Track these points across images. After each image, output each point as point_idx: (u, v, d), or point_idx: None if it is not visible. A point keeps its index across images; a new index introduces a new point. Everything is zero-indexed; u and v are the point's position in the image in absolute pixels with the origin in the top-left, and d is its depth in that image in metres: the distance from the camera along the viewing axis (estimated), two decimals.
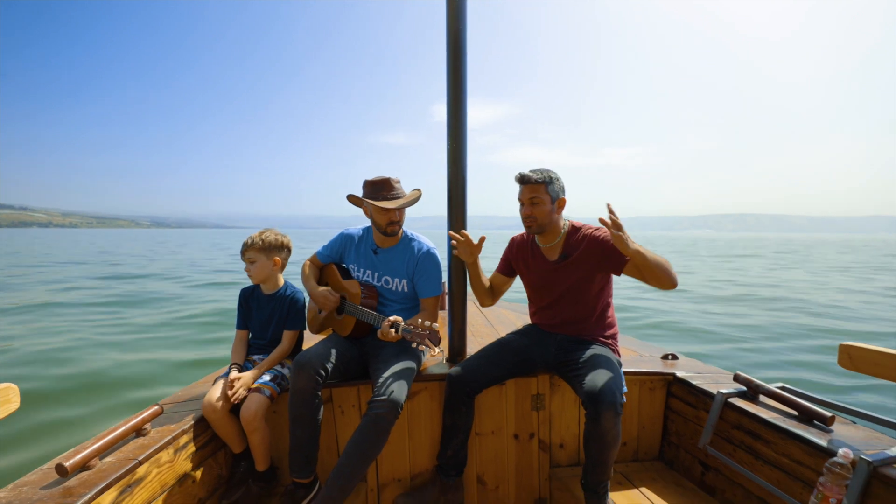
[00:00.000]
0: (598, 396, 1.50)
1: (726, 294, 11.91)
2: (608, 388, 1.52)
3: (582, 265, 1.85)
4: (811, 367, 5.50)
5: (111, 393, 4.51)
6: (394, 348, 1.93)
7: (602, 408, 1.49)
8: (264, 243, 2.00)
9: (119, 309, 9.16)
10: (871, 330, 7.75)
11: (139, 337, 6.79)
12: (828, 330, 7.57)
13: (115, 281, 14.15)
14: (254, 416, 1.74)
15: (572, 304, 1.91)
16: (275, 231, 2.07)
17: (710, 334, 7.27)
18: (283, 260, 2.07)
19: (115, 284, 13.27)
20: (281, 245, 2.05)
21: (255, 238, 2.01)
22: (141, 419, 1.57)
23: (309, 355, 1.78)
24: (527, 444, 2.08)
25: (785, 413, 1.66)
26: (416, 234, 2.15)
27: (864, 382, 4.71)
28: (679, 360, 2.27)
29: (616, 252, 1.75)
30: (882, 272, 19.43)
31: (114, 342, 6.42)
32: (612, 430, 1.50)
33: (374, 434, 1.64)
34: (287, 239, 2.09)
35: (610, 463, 1.57)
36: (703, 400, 1.91)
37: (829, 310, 9.51)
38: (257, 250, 2.00)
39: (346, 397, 2.00)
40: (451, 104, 1.96)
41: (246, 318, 2.09)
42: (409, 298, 2.12)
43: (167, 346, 6.35)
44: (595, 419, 1.50)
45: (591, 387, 1.54)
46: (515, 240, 2.12)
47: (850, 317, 8.83)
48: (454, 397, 1.86)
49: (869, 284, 14.67)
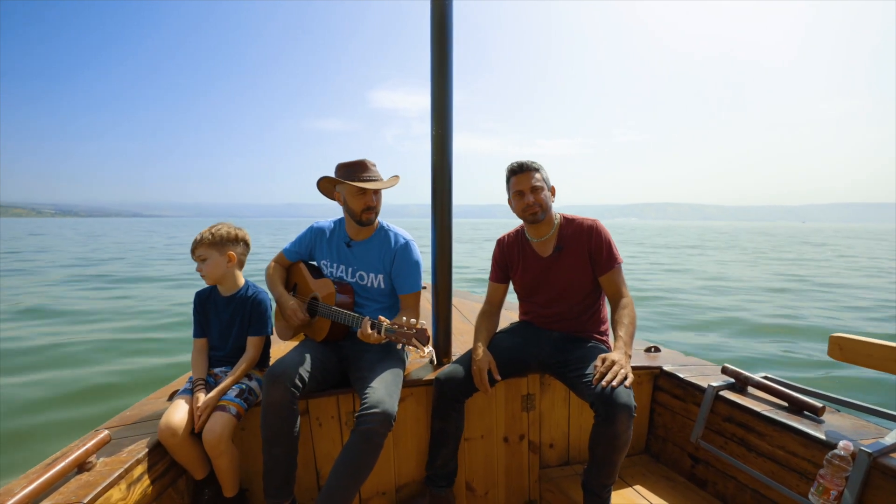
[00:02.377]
0: (613, 398, 1.43)
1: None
2: (622, 390, 1.45)
3: (577, 258, 1.81)
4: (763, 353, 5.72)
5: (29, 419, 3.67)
6: (377, 352, 1.78)
7: (617, 410, 1.42)
8: (215, 237, 1.76)
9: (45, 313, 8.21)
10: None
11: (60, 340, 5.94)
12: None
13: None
14: (219, 438, 1.53)
15: (568, 300, 1.84)
16: (228, 224, 1.84)
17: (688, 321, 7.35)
18: (238, 255, 1.83)
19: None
20: (235, 238, 1.82)
21: (204, 233, 1.77)
22: (85, 450, 1.32)
23: (283, 365, 1.60)
24: (517, 447, 2.01)
25: (775, 404, 1.67)
26: (393, 225, 2.00)
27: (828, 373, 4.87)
28: (661, 352, 2.27)
29: (601, 259, 1.78)
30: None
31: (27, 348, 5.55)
32: (626, 433, 1.44)
33: (365, 451, 1.49)
34: (243, 232, 1.86)
35: (618, 466, 1.51)
36: (691, 393, 1.91)
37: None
38: (208, 246, 1.76)
39: (325, 408, 1.83)
40: (435, 88, 1.82)
41: (203, 325, 1.85)
42: (388, 296, 1.96)
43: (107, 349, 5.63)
44: (609, 422, 1.43)
45: (602, 388, 1.47)
46: (503, 240, 2.02)
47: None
48: (443, 402, 1.75)
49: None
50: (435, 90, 1.82)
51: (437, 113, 1.84)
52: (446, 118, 1.84)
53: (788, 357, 5.51)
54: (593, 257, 1.79)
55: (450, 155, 1.88)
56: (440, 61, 1.80)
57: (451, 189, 1.92)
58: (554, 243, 1.85)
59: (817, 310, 8.47)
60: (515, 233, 1.99)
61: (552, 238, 1.86)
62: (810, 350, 5.72)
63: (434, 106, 1.83)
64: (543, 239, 1.87)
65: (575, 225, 1.84)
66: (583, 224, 1.83)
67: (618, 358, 1.54)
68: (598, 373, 1.52)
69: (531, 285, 1.92)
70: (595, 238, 1.79)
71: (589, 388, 1.53)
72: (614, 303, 1.78)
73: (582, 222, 1.83)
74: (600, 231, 1.80)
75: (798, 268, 16.28)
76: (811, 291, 10.69)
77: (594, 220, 1.83)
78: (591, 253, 1.79)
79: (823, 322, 7.40)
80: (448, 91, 1.83)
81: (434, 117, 1.84)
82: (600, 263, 1.78)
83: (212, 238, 1.76)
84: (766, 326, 7.07)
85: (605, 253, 1.78)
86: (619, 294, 1.77)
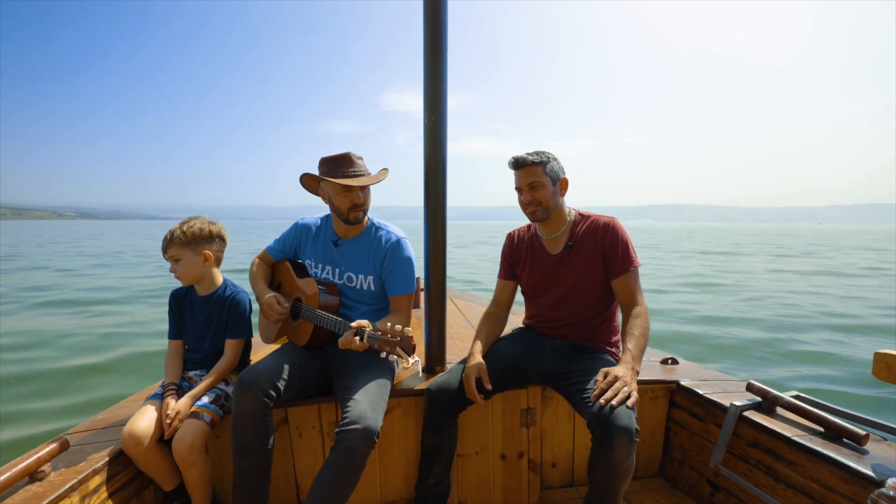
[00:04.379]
0: (610, 420, 1.25)
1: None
2: (622, 410, 1.27)
3: (589, 257, 1.65)
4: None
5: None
6: (362, 360, 1.64)
7: (615, 433, 1.24)
8: (186, 235, 1.63)
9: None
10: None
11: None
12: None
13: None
14: (190, 448, 1.42)
15: (576, 303, 1.68)
16: (201, 219, 1.70)
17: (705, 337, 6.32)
18: (214, 253, 1.71)
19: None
20: (209, 235, 1.69)
21: (175, 231, 1.64)
22: (36, 459, 1.23)
23: (255, 372, 1.48)
24: (515, 465, 1.84)
25: (809, 429, 1.46)
26: (384, 222, 1.86)
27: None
28: (679, 364, 2.07)
29: (615, 260, 1.63)
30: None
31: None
32: (626, 460, 1.26)
33: (346, 470, 1.36)
34: (218, 227, 1.72)
35: (620, 494, 1.33)
36: (711, 412, 1.71)
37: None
38: (180, 245, 1.63)
39: (305, 418, 1.71)
40: (428, 72, 1.69)
41: (178, 326, 1.75)
42: (378, 298, 1.83)
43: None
44: (606, 445, 1.25)
45: (600, 407, 1.29)
46: (513, 235, 1.89)
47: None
48: (435, 415, 1.60)
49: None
50: (428, 74, 1.69)
51: (431, 99, 1.70)
52: (440, 105, 1.70)
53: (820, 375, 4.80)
54: (606, 258, 1.63)
55: (443, 145, 1.74)
56: (433, 51, 1.67)
57: (444, 182, 1.77)
58: (565, 240, 1.72)
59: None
60: (527, 228, 1.87)
61: (563, 235, 1.72)
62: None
63: (427, 92, 1.70)
64: (554, 236, 1.74)
65: (589, 222, 1.70)
66: (598, 221, 1.68)
67: (622, 373, 1.36)
68: (597, 388, 1.34)
69: (538, 284, 1.77)
70: (610, 237, 1.63)
71: (587, 405, 1.36)
72: (627, 310, 1.61)
73: (597, 219, 1.69)
74: (617, 229, 1.64)
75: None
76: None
77: (611, 218, 1.68)
78: (605, 253, 1.64)
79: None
80: (442, 76, 1.69)
81: (427, 104, 1.70)
82: (614, 265, 1.62)
83: (183, 237, 1.63)
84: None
85: (619, 253, 1.62)
86: (634, 301, 1.60)
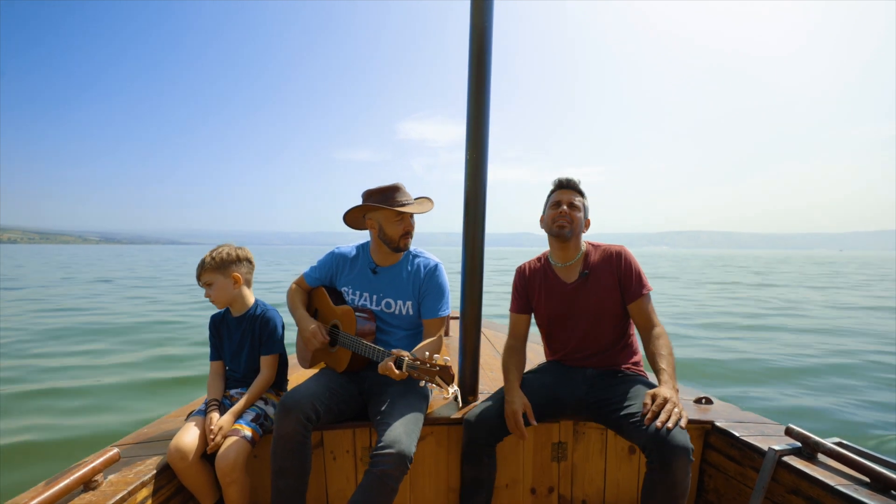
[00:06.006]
0: (669, 441, 1.27)
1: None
2: (678, 431, 1.29)
3: (606, 282, 1.72)
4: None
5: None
6: (399, 386, 1.68)
7: (675, 454, 1.25)
8: (215, 261, 1.74)
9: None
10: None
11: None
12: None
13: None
14: (233, 465, 1.46)
15: (598, 330, 1.72)
16: (229, 245, 1.82)
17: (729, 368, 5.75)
18: (243, 275, 1.81)
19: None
20: (237, 258, 1.79)
21: (206, 258, 1.76)
22: (91, 468, 1.28)
23: (297, 395, 1.52)
24: (545, 499, 1.82)
25: (853, 478, 1.42)
26: (420, 249, 1.93)
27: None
28: (714, 404, 2.04)
29: (630, 284, 1.70)
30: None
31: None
32: (684, 481, 1.27)
33: (378, 494, 1.38)
34: (244, 251, 1.84)
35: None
36: (748, 455, 1.68)
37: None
38: (212, 270, 1.74)
39: (340, 441, 1.73)
40: (472, 109, 1.76)
41: (218, 348, 1.84)
42: (414, 323, 1.88)
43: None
44: (664, 468, 1.26)
45: (656, 429, 1.31)
46: (524, 268, 1.92)
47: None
48: (474, 447, 1.60)
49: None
50: (471, 111, 1.76)
51: (473, 136, 1.77)
52: (482, 142, 1.77)
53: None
54: (622, 283, 1.72)
55: (484, 180, 1.81)
56: (478, 84, 1.75)
57: (484, 216, 1.83)
58: (579, 269, 1.78)
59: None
60: (537, 260, 1.92)
61: (577, 264, 1.79)
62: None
63: (470, 128, 1.77)
64: (568, 264, 1.79)
65: (601, 250, 1.79)
66: (609, 249, 1.79)
67: (668, 394, 1.38)
68: (650, 412, 1.35)
69: (556, 315, 1.80)
70: (625, 263, 1.73)
71: (639, 429, 1.37)
72: (646, 333, 1.67)
73: (608, 248, 1.80)
74: (629, 256, 1.75)
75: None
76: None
77: (620, 246, 1.80)
78: (621, 278, 1.72)
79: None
80: (485, 113, 1.77)
81: (469, 140, 1.78)
82: (630, 289, 1.70)
83: (213, 262, 1.74)
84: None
85: (634, 278, 1.71)
86: (651, 323, 1.67)
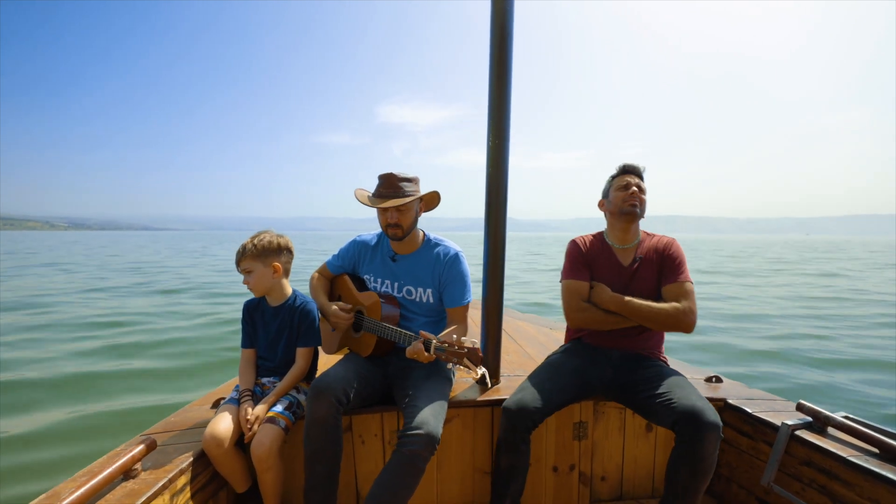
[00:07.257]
0: (700, 416, 1.34)
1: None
2: (709, 408, 1.36)
3: (654, 271, 1.77)
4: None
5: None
6: (424, 370, 1.71)
7: (705, 430, 1.33)
8: (257, 248, 1.72)
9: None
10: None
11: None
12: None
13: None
14: (268, 452, 1.48)
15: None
16: (270, 232, 1.79)
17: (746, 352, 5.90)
18: (283, 265, 1.79)
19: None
20: (278, 248, 1.77)
21: (247, 244, 1.73)
22: (131, 457, 1.29)
23: (328, 379, 1.54)
24: (566, 477, 1.88)
25: (863, 450, 1.51)
26: (440, 237, 1.93)
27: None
28: (724, 382, 2.12)
29: (668, 269, 1.74)
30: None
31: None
32: (712, 456, 1.35)
33: (406, 474, 1.41)
34: (285, 240, 1.81)
35: (701, 495, 1.40)
36: (761, 430, 1.76)
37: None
38: (252, 258, 1.71)
39: (368, 426, 1.76)
40: (493, 95, 1.76)
41: (251, 336, 1.82)
42: (436, 310, 1.89)
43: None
44: (695, 442, 1.34)
45: (689, 405, 1.38)
46: (581, 240, 1.92)
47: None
48: (514, 434, 1.56)
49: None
50: (493, 97, 1.76)
51: (495, 122, 1.77)
52: (504, 128, 1.77)
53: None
54: (663, 270, 1.76)
55: (505, 168, 1.81)
56: (500, 67, 1.74)
57: (506, 202, 1.84)
58: (634, 254, 1.83)
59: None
60: (593, 237, 1.93)
61: (634, 248, 1.83)
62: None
63: (491, 115, 1.77)
64: (627, 247, 1.83)
65: (654, 239, 1.84)
66: (661, 239, 1.84)
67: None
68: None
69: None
70: (669, 252, 1.78)
71: (668, 408, 1.44)
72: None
73: (661, 238, 1.85)
74: (677, 247, 1.81)
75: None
76: None
77: (672, 238, 1.84)
78: (663, 265, 1.77)
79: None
80: (506, 100, 1.76)
81: (491, 127, 1.78)
82: (666, 273, 1.75)
83: (255, 249, 1.72)
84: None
85: (675, 266, 1.75)
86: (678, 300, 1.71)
